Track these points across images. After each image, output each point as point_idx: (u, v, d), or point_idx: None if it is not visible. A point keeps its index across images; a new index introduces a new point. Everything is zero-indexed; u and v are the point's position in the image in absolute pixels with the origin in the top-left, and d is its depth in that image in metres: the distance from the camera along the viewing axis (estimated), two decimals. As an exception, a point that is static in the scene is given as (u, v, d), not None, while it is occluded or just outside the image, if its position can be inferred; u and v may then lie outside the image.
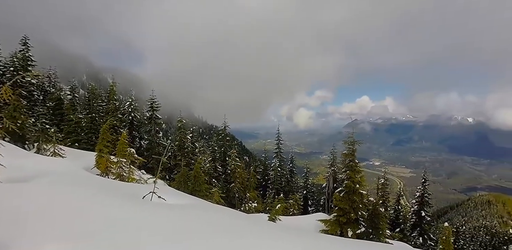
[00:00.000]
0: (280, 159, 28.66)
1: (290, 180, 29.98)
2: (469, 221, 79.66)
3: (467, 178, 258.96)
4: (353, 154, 11.02)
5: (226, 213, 6.40)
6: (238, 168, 21.18)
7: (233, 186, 21.40)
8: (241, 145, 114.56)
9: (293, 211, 19.43)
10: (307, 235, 5.98)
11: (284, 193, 26.09)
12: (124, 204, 4.40)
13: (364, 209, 11.57)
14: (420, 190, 23.84)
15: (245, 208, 20.05)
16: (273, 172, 27.48)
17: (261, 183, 29.60)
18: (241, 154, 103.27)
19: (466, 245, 38.82)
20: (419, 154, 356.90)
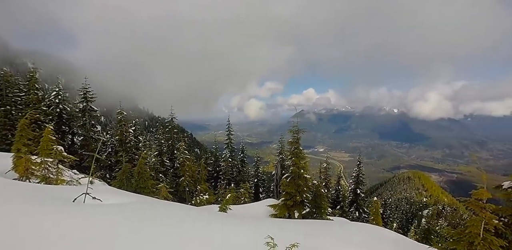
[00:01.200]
0: (231, 150, 28.78)
1: (241, 169, 30.48)
2: (394, 194, 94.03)
3: (392, 159, 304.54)
4: (297, 142, 11.71)
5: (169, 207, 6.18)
6: (187, 161, 20.54)
7: (183, 180, 20.76)
8: (192, 137, 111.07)
9: (244, 199, 19.92)
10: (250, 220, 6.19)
11: (235, 183, 26.47)
12: (46, 209, 3.85)
13: (308, 192, 12.55)
14: (356, 171, 26.94)
15: (196, 201, 19.74)
16: (224, 163, 27.51)
17: (212, 174, 29.40)
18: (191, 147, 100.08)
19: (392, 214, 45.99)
20: (356, 140, 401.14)
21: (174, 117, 25.64)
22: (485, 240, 3.86)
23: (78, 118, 20.35)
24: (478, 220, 3.84)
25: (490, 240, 3.85)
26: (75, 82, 23.78)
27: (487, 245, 3.85)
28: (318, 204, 12.77)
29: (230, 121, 28.49)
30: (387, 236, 7.18)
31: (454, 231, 4.22)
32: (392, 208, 52.20)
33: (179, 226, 4.04)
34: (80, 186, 9.17)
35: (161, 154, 23.37)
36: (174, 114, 25.65)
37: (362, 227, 9.71)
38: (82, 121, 19.89)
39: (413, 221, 53.79)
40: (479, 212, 3.89)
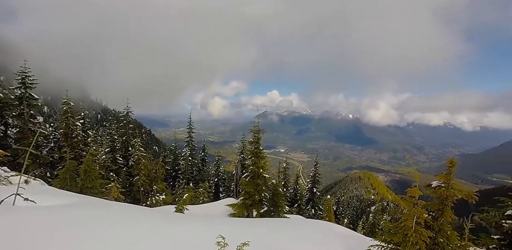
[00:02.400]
0: (192, 148, 27.94)
1: (201, 169, 29.80)
2: (347, 192, 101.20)
3: (346, 160, 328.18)
4: (258, 142, 11.85)
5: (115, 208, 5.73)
6: (143, 159, 19.37)
7: (137, 179, 19.51)
8: (150, 134, 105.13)
9: (203, 199, 19.51)
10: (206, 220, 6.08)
11: (195, 182, 25.80)
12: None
13: (267, 191, 12.80)
14: (313, 171, 28.28)
15: (152, 202, 18.74)
16: (184, 162, 26.60)
17: (171, 173, 28.21)
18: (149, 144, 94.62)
19: (344, 211, 49.39)
20: (314, 142, 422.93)
21: (130, 111, 23.92)
22: (417, 232, 4.35)
23: (13, 106, 17.68)
24: (411, 214, 4.32)
25: (421, 231, 4.36)
26: (13, 65, 20.22)
27: (418, 236, 4.35)
28: (276, 202, 13.08)
29: (193, 118, 27.64)
30: (337, 232, 7.69)
31: (391, 225, 4.69)
32: (344, 205, 56.23)
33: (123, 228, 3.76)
34: (10, 185, 8.01)
35: (113, 150, 21.63)
36: (130, 108, 23.91)
37: (315, 223, 10.22)
38: (18, 110, 17.35)
39: (362, 216, 58.56)
40: (412, 207, 4.39)
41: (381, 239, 4.92)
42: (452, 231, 4.96)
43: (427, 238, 4.38)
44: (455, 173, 4.91)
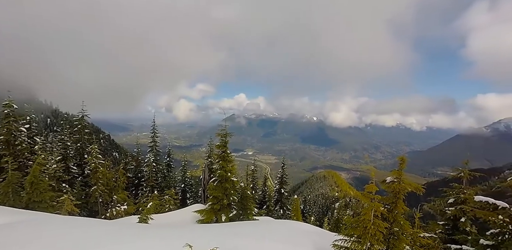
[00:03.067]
0: (156, 153, 26.63)
1: (167, 175, 28.54)
2: (313, 191, 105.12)
3: (312, 161, 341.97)
4: (225, 145, 11.77)
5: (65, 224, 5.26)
6: (100, 167, 17.95)
7: (95, 189, 17.98)
8: (109, 139, 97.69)
9: (169, 206, 18.70)
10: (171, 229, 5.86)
11: (160, 190, 24.60)
12: None
13: (236, 194, 12.73)
14: (280, 172, 28.86)
15: (112, 213, 17.40)
16: (148, 168, 25.21)
17: (133, 181, 26.50)
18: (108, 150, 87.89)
19: (311, 209, 51.12)
20: (281, 144, 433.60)
21: (86, 114, 21.99)
22: (375, 224, 4.73)
23: None
24: (369, 208, 4.68)
25: (378, 223, 4.74)
26: None
27: (376, 227, 4.72)
28: (244, 205, 13.07)
29: (157, 122, 26.39)
30: (304, 229, 7.96)
31: (353, 219, 5.02)
32: (311, 203, 58.30)
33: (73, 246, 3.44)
34: None
35: (66, 158, 19.66)
36: (86, 111, 21.96)
37: (283, 223, 10.44)
38: None
39: (327, 213, 61.22)
40: (370, 202, 4.76)
41: (345, 233, 5.23)
42: (405, 221, 5.48)
43: (384, 229, 4.78)
44: (406, 168, 5.45)
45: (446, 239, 8.84)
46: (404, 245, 5.24)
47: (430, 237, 7.87)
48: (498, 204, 6.54)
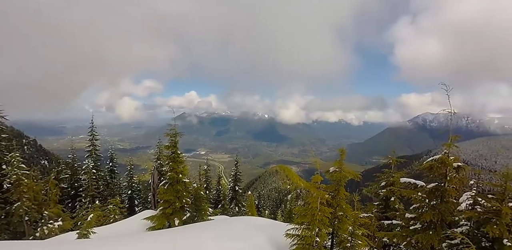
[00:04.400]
0: (96, 159, 23.94)
1: (110, 182, 25.96)
2: (266, 186, 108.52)
3: (264, 157, 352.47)
4: (175, 146, 11.26)
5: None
6: (24, 179, 15.37)
7: (18, 206, 15.30)
8: (36, 145, 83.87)
9: (115, 216, 17.12)
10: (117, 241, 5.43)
11: (103, 199, 22.28)
12: None
13: (188, 196, 12.33)
14: (234, 170, 29.01)
15: (43, 232, 15.06)
16: (86, 176, 22.47)
17: (69, 192, 23.36)
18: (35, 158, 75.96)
19: (265, 203, 52.75)
20: (234, 142, 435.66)
21: (2, 115, 18.33)
22: (321, 211, 5.16)
23: None
24: (315, 197, 5.09)
25: (324, 210, 5.19)
26: None
27: (323, 213, 5.15)
28: (198, 206, 12.77)
29: (96, 123, 23.63)
30: (258, 223, 8.20)
31: (302, 208, 5.40)
32: (265, 198, 60.14)
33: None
34: None
35: (-25, 172, 16.24)
36: (2, 112, 18.26)
37: (237, 220, 10.56)
38: None
39: (281, 206, 63.99)
40: (316, 191, 5.19)
41: (295, 222, 5.58)
42: (347, 205, 6.12)
43: (329, 214, 5.25)
44: (347, 159, 6.08)
45: (380, 216, 10.17)
46: (347, 226, 5.84)
47: (368, 216, 8.94)
48: (418, 183, 7.78)
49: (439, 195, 7.29)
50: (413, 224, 7.94)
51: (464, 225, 7.66)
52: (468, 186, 8.21)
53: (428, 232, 7.34)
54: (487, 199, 7.19)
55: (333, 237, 6.05)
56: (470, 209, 7.46)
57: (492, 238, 6.80)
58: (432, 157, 7.38)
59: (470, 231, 7.37)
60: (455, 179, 7.18)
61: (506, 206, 6.65)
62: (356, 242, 5.54)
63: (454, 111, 7.00)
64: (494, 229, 6.57)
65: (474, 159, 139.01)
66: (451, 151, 7.30)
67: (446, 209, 7.37)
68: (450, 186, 7.41)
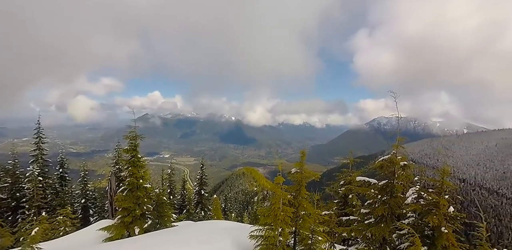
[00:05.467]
0: (43, 164, 21.51)
1: (60, 190, 23.49)
2: (233, 188, 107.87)
3: (231, 159, 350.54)
4: (135, 149, 10.65)
5: None
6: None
7: None
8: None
9: (65, 229, 15.56)
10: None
11: (51, 210, 20.11)
12: None
13: (150, 202, 11.74)
14: (199, 174, 28.33)
15: (-27, 254, 13.04)
16: (31, 184, 20.03)
17: (8, 204, 20.58)
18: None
19: (232, 206, 52.29)
20: (200, 144, 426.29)
21: None
22: (283, 211, 5.33)
23: None
24: (278, 198, 5.25)
25: (286, 209, 5.37)
26: None
27: (285, 213, 5.33)
28: (161, 213, 12.23)
29: (44, 123, 21.18)
30: (224, 227, 8.14)
31: (265, 209, 5.52)
32: (232, 201, 59.69)
33: None
34: None
35: None
36: None
37: (203, 224, 10.35)
38: None
39: (248, 207, 64.10)
40: (278, 192, 5.36)
41: (259, 223, 5.68)
42: (308, 204, 6.41)
43: (291, 213, 5.45)
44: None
45: (340, 213, 10.82)
46: (309, 224, 6.11)
47: (329, 213, 9.45)
48: (371, 181, 8.47)
49: (389, 191, 8.04)
50: (367, 219, 8.61)
51: (411, 216, 8.52)
52: (413, 182, 9.20)
53: (380, 225, 8.03)
54: (428, 193, 8.12)
55: (295, 236, 6.29)
56: (415, 202, 8.32)
57: (433, 227, 7.72)
58: (383, 157, 8.13)
59: (415, 222, 8.24)
60: (402, 176, 8.00)
61: (443, 198, 7.60)
62: (316, 238, 5.82)
63: (401, 116, 7.85)
64: (434, 218, 7.48)
65: (420, 157, 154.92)
66: (399, 151, 8.15)
67: (395, 203, 8.15)
68: (398, 182, 8.24)
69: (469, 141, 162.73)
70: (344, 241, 10.96)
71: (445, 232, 7.43)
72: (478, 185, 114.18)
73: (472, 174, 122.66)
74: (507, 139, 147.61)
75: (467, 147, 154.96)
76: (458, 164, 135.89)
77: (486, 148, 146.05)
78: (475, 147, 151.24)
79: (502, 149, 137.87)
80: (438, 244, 7.49)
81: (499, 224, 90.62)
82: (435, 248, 7.52)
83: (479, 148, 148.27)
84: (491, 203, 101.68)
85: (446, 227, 7.47)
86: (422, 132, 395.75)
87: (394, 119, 8.20)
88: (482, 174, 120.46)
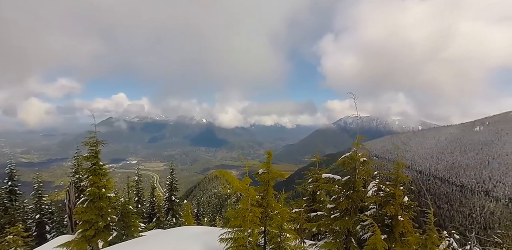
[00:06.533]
0: (-14, 179, 19.16)
1: (9, 206, 21.02)
2: (206, 192, 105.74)
3: (203, 162, 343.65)
4: (96, 156, 9.94)
5: None
6: None
7: None
8: None
9: (16, 249, 13.99)
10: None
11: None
12: None
13: (114, 213, 11.04)
14: (169, 179, 27.34)
15: None
16: (-29, 202, 17.74)
17: None
18: None
19: (205, 210, 51.16)
20: (170, 149, 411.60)
21: None
22: (252, 211, 5.41)
23: None
24: (246, 199, 5.33)
25: (254, 210, 5.45)
26: None
27: (253, 214, 5.41)
28: (127, 223, 11.58)
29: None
30: (193, 232, 7.98)
31: (233, 211, 5.55)
32: (205, 205, 58.46)
33: None
34: None
35: None
36: None
37: (172, 232, 10.03)
38: None
39: (221, 211, 63.28)
40: (246, 193, 5.44)
41: (228, 225, 5.69)
42: (276, 203, 6.57)
43: (260, 213, 5.55)
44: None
45: (308, 210, 11.23)
46: (277, 223, 6.27)
47: (298, 211, 9.76)
48: (335, 178, 8.95)
49: (351, 186, 8.57)
50: (333, 213, 9.09)
51: (372, 208, 9.16)
52: (374, 176, 9.92)
53: (344, 218, 8.52)
54: (386, 185, 8.81)
55: (265, 235, 6.41)
56: (375, 194, 8.97)
57: (391, 216, 8.41)
58: (344, 154, 8.66)
59: (376, 213, 8.88)
60: (362, 171, 8.59)
61: (398, 189, 8.32)
62: (285, 236, 6.00)
63: (364, 116, 8.52)
64: (391, 208, 8.15)
65: (383, 153, 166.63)
66: (360, 148, 8.78)
67: (357, 197, 8.72)
68: (360, 177, 8.83)
69: (423, 137, 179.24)
70: (314, 236, 11.40)
71: (401, 220, 8.13)
72: (432, 175, 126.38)
73: (427, 165, 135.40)
74: (454, 133, 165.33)
75: (422, 141, 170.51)
76: (414, 157, 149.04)
77: (437, 142, 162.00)
78: (429, 141, 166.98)
79: (451, 143, 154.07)
80: (396, 231, 8.17)
81: (450, 208, 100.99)
82: (393, 235, 8.19)
83: (432, 142, 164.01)
84: (443, 190, 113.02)
85: (402, 215, 8.19)
86: (383, 130, 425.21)
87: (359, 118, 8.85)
88: (435, 165, 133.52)
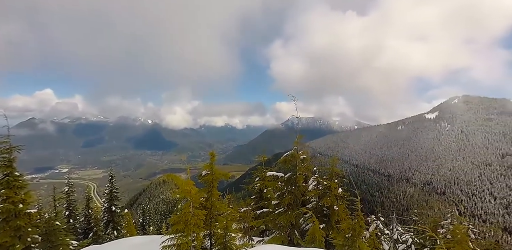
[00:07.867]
0: None
1: None
2: (153, 199, 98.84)
3: (149, 167, 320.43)
4: (10, 165, 8.34)
5: None
6: None
7: None
8: None
9: None
10: None
11: None
12: None
13: (36, 232, 9.44)
14: (108, 187, 24.63)
15: None
16: None
17: None
18: None
19: (152, 218, 47.74)
20: (110, 153, 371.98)
21: None
22: (195, 215, 5.34)
23: None
24: (188, 202, 5.24)
25: (198, 213, 5.40)
26: None
27: (197, 217, 5.34)
28: (53, 242, 10.09)
29: None
30: (133, 243, 7.43)
31: (175, 216, 5.40)
32: (151, 212, 54.54)
33: None
34: None
35: None
36: None
37: (109, 246, 9.16)
38: None
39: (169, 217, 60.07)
40: (189, 196, 5.35)
41: (171, 231, 5.49)
42: (221, 204, 6.62)
43: (203, 216, 5.51)
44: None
45: (256, 208, 11.57)
46: (223, 223, 6.31)
47: (246, 210, 9.97)
48: (279, 175, 9.45)
49: (293, 182, 9.17)
50: (278, 209, 9.58)
51: (313, 201, 9.95)
52: (314, 171, 10.79)
53: (288, 213, 9.07)
54: (323, 179, 9.70)
55: (211, 237, 6.38)
56: (315, 188, 9.77)
57: (328, 206, 9.30)
58: (286, 153, 9.24)
59: (316, 205, 9.69)
60: (303, 167, 9.27)
61: (334, 182, 9.26)
62: (230, 236, 6.07)
63: (306, 117, 9.32)
64: (328, 200, 9.02)
65: (325, 150, 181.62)
66: (303, 146, 9.52)
67: (299, 192, 9.38)
68: (301, 173, 9.52)
69: (358, 135, 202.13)
70: (263, 232, 11.79)
71: (336, 209, 9.07)
72: (366, 168, 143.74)
73: (362, 160, 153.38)
74: (383, 132, 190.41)
75: (357, 139, 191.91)
76: (352, 153, 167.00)
77: (370, 139, 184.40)
78: (363, 139, 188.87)
79: (380, 139, 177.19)
80: (332, 220, 9.07)
81: (380, 195, 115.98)
82: (330, 223, 9.08)
83: (365, 140, 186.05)
84: (375, 180, 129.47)
85: (337, 205, 9.13)
86: (326, 129, 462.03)
87: (304, 119, 9.62)
88: (368, 159, 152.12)
